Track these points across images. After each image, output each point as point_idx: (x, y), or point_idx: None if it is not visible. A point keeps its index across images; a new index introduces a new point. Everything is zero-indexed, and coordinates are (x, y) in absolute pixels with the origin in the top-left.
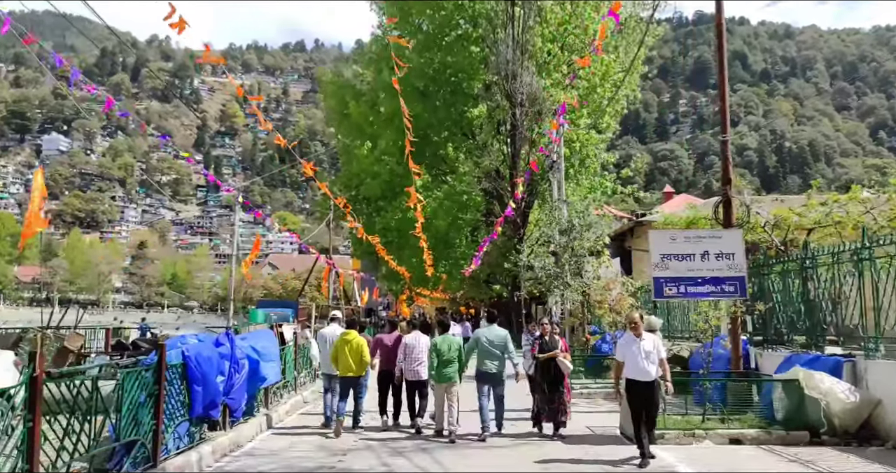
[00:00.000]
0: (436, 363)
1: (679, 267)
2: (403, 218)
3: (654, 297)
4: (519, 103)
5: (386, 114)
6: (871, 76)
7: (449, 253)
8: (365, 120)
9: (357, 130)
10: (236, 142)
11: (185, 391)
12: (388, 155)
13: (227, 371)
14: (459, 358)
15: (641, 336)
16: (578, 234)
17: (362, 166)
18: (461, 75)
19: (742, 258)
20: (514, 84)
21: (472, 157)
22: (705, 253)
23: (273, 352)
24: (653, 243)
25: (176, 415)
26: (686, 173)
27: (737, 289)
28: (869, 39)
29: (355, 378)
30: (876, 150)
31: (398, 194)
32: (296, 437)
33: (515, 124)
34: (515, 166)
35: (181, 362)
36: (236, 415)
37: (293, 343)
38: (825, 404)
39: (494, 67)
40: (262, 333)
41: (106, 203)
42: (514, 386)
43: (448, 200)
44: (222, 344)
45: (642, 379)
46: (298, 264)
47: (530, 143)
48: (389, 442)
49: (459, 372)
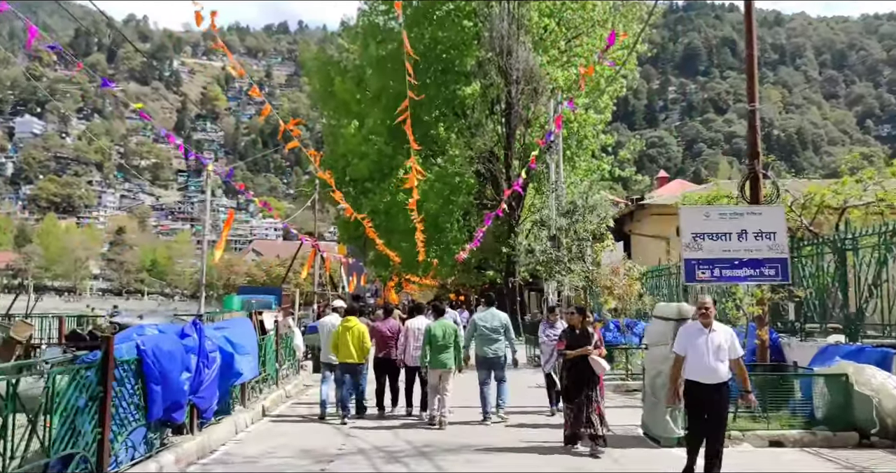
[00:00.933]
0: (430, 348)
1: (713, 248)
2: (392, 200)
3: (686, 281)
4: (514, 80)
5: (373, 92)
6: (859, 65)
7: (440, 237)
8: (351, 97)
9: (343, 109)
10: (218, 125)
11: (140, 391)
12: (375, 134)
13: (195, 366)
14: (456, 344)
15: (712, 326)
16: (581, 216)
17: (349, 146)
18: (453, 52)
19: (784, 237)
20: (510, 60)
21: (465, 137)
22: (743, 231)
23: (250, 344)
24: (684, 220)
25: (129, 420)
26: (675, 160)
27: (778, 273)
28: (858, 27)
29: (355, 364)
30: (863, 139)
31: (386, 176)
32: (277, 439)
33: (510, 102)
34: (510, 147)
35: (135, 357)
36: (206, 416)
37: (274, 332)
38: (877, 402)
39: (488, 43)
40: (238, 322)
41: (83, 187)
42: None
43: (439, 182)
44: (188, 335)
45: (708, 381)
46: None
47: (526, 123)
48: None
49: (457, 360)
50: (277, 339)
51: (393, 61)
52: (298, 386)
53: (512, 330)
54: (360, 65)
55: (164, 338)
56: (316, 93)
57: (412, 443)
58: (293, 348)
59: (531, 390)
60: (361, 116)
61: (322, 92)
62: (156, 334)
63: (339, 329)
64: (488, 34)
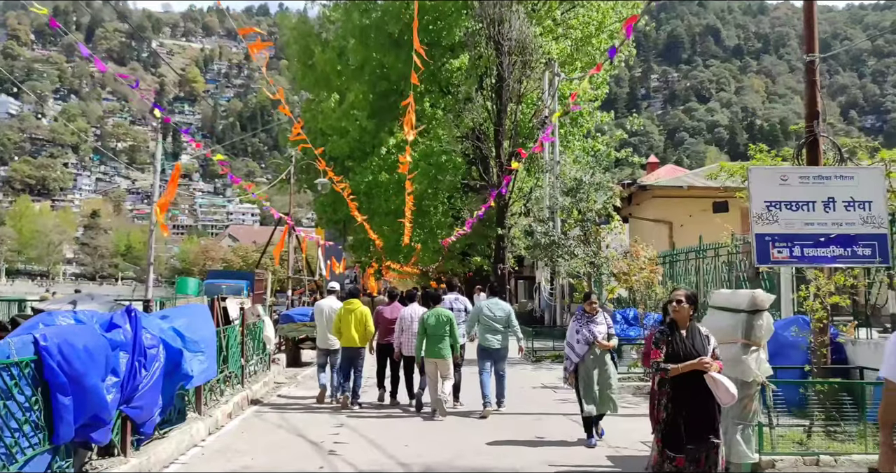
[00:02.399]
0: (425, 338)
1: (792, 220)
2: (374, 180)
3: (758, 262)
4: (506, 51)
5: (355, 64)
6: (843, 54)
7: (423, 221)
8: (332, 70)
9: (323, 83)
10: (196, 108)
11: (39, 404)
12: (357, 109)
13: (126, 366)
14: (452, 333)
15: None
16: (585, 195)
17: (329, 122)
18: (440, 23)
19: (883, 208)
20: (501, 29)
21: (453, 113)
22: (830, 200)
23: (206, 336)
24: (755, 183)
25: (21, 447)
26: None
27: (875, 252)
28: (842, 17)
29: (357, 349)
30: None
31: (368, 154)
32: (238, 459)
33: (502, 75)
34: (501, 123)
35: (31, 357)
36: (146, 430)
37: (240, 322)
38: None
39: (479, 11)
40: (192, 310)
41: (58, 170)
42: None
43: (424, 161)
44: (118, 326)
45: None
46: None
47: (518, 98)
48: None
49: (455, 349)
50: (243, 330)
51: (377, 31)
52: (269, 385)
53: (515, 319)
54: (341, 35)
55: (78, 331)
56: (294, 62)
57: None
58: (263, 340)
59: (536, 391)
60: (342, 90)
61: (301, 63)
62: (68, 325)
63: (342, 312)
64: (478, 2)
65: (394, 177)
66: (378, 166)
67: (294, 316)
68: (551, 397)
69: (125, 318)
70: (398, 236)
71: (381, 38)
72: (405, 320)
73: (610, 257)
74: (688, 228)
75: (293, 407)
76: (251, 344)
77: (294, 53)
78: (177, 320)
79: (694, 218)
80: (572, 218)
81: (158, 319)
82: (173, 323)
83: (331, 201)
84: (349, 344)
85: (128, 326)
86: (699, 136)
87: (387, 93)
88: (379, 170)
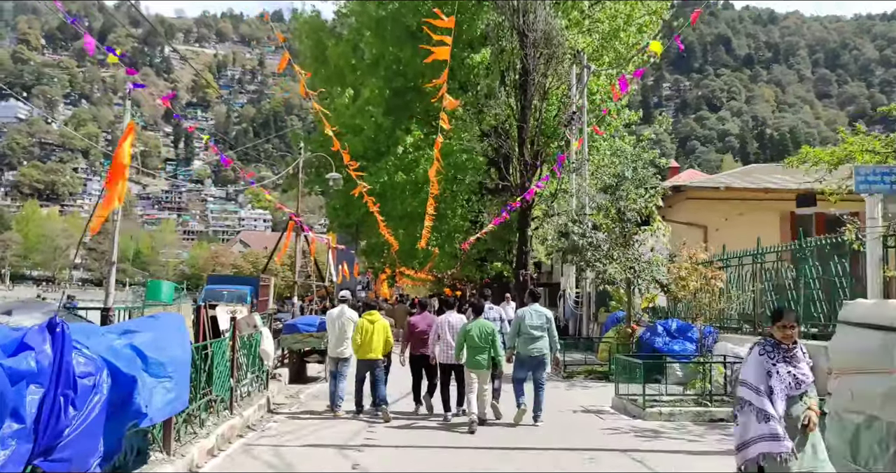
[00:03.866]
0: (466, 349)
1: None
2: (390, 181)
3: None
4: (531, 43)
5: (370, 58)
6: (851, 64)
7: (441, 225)
8: (346, 64)
9: (337, 78)
10: (209, 114)
11: None
12: (372, 105)
13: (44, 404)
14: (494, 345)
15: None
16: (625, 193)
17: (342, 119)
18: (460, 16)
19: None
20: (526, 19)
21: (474, 109)
22: None
23: (177, 357)
24: None
25: None
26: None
27: None
28: (851, 27)
29: (375, 361)
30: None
31: (384, 154)
32: None
33: (527, 69)
34: (525, 120)
35: None
36: None
37: (230, 334)
38: None
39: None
40: (162, 322)
41: (67, 174)
42: None
43: (443, 161)
44: (30, 348)
45: None
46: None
47: (543, 93)
48: None
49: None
50: (235, 344)
51: (393, 24)
52: (265, 408)
53: (555, 327)
54: (356, 28)
55: None
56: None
57: None
58: (260, 355)
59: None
60: (356, 86)
61: (313, 59)
62: None
63: (362, 323)
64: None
65: (410, 177)
66: (394, 166)
67: (299, 326)
68: (597, 425)
69: (44, 337)
70: (413, 240)
71: (397, 30)
72: (442, 328)
73: (653, 262)
74: (724, 233)
75: (293, 438)
76: (245, 360)
77: (306, 49)
78: (140, 335)
79: (730, 221)
80: (609, 218)
81: (116, 335)
82: (134, 339)
83: (343, 204)
84: (366, 356)
85: (47, 347)
86: (710, 145)
87: (403, 91)
88: (395, 170)
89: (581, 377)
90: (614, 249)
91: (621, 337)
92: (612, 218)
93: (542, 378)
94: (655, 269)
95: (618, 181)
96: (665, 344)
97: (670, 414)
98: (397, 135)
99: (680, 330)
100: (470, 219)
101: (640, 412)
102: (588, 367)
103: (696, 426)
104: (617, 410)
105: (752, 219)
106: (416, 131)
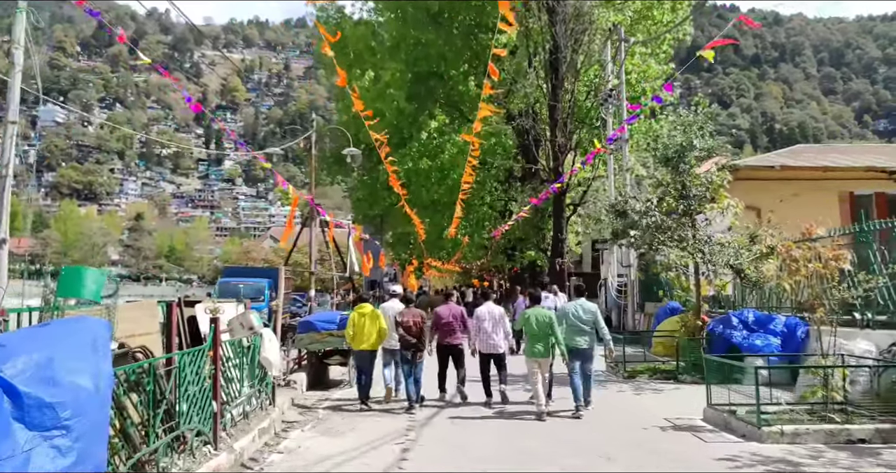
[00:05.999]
0: (527, 337)
1: None
2: (414, 168)
3: None
4: (562, 19)
5: (391, 41)
6: (855, 62)
7: (468, 214)
8: (366, 47)
9: (356, 62)
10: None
11: None
12: (393, 88)
13: None
14: (554, 332)
15: None
16: (688, 166)
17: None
18: None
19: None
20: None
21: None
22: None
23: (82, 392)
24: None
25: None
26: None
27: None
28: (853, 28)
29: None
30: (861, 133)
31: (406, 140)
32: None
33: (557, 46)
34: (557, 99)
35: None
36: None
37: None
38: None
39: None
40: (58, 333)
41: (104, 175)
42: None
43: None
44: None
45: None
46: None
47: (576, 72)
48: None
49: (552, 348)
50: (217, 354)
51: (414, 6)
52: (269, 432)
53: (602, 320)
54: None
55: None
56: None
57: None
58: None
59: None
60: (376, 70)
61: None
62: None
63: (353, 316)
64: None
65: (436, 163)
66: (418, 152)
67: (316, 324)
68: (703, 451)
69: None
70: (440, 230)
71: (418, 13)
72: (481, 318)
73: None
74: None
75: None
76: (238, 372)
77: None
78: (18, 358)
79: (785, 203)
80: (670, 195)
81: None
82: (5, 366)
83: (367, 194)
84: (361, 347)
85: None
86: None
87: (426, 76)
88: (419, 156)
89: (644, 377)
90: (680, 229)
91: (688, 330)
92: (672, 195)
93: (590, 369)
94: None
95: (681, 152)
96: (744, 339)
97: (795, 434)
98: (420, 121)
99: (759, 322)
100: (498, 210)
101: (752, 431)
102: (649, 365)
103: (836, 451)
104: (715, 425)
105: (809, 201)
106: (440, 116)
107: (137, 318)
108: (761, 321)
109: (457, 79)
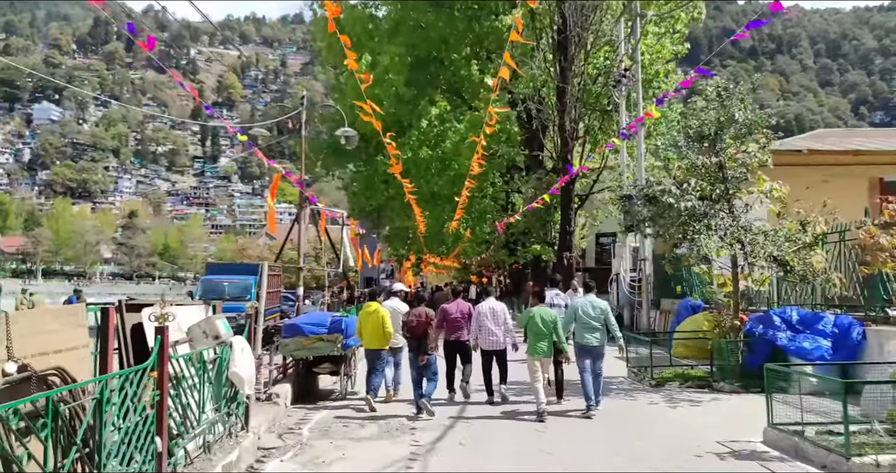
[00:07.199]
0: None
1: None
2: (413, 157)
3: None
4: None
5: (389, 23)
6: (852, 53)
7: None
8: (363, 30)
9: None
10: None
11: None
12: (392, 73)
13: None
14: (556, 331)
15: None
16: (726, 144)
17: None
18: None
19: None
20: None
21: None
22: None
23: None
24: None
25: None
26: None
27: None
28: (850, 19)
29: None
30: (858, 125)
31: (405, 129)
32: None
33: (566, 22)
34: (566, 81)
35: None
36: None
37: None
38: None
39: None
40: None
41: (99, 173)
42: None
43: (472, 133)
44: None
45: None
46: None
47: (586, 52)
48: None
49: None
50: (162, 374)
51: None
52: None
53: (612, 317)
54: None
55: None
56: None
57: None
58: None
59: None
60: (374, 54)
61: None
62: None
63: (362, 315)
64: None
65: (437, 152)
66: (418, 141)
67: (303, 328)
68: None
69: None
70: (440, 223)
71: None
72: (484, 315)
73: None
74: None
75: None
76: (196, 395)
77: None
78: None
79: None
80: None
81: None
82: None
83: (363, 188)
84: (370, 346)
85: None
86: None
87: (426, 61)
88: (419, 145)
89: (674, 384)
90: (716, 217)
91: (723, 330)
92: (707, 178)
93: (601, 367)
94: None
95: (718, 128)
96: (790, 341)
97: (893, 466)
98: (420, 108)
99: (804, 322)
100: (501, 203)
101: (837, 461)
102: (677, 371)
103: None
104: (782, 451)
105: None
106: (441, 102)
107: (57, 329)
108: (807, 320)
109: (459, 64)
